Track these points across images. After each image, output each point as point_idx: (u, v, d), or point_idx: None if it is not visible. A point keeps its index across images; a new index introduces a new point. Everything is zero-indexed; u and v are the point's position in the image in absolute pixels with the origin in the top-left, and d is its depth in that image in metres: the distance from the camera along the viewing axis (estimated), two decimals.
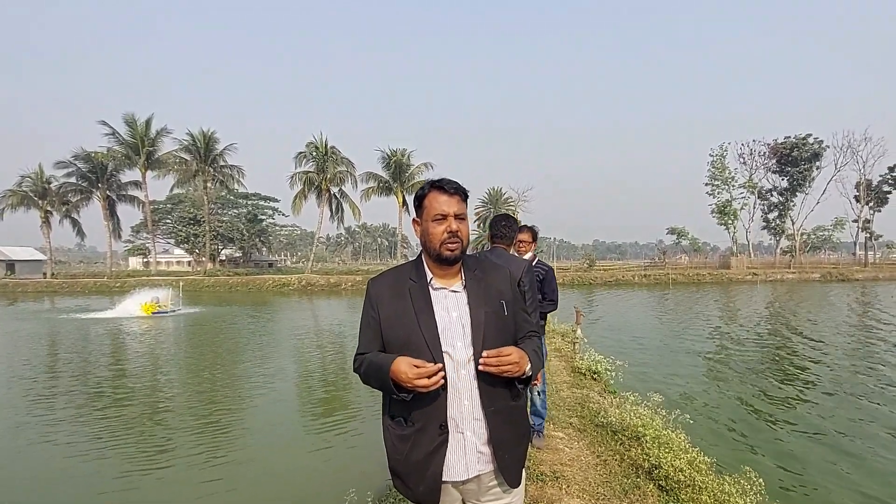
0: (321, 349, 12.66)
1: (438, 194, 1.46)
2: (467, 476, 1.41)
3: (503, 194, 50.25)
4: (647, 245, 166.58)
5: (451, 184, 1.48)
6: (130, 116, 41.47)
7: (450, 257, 1.44)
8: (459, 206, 1.47)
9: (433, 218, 1.45)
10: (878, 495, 4.40)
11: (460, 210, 1.47)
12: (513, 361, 1.36)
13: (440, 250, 1.44)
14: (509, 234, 3.30)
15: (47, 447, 5.77)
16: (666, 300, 25.40)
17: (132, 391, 8.42)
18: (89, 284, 40.34)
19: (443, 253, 1.44)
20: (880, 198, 46.57)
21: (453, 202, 1.46)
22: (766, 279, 39.16)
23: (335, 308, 24.57)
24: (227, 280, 40.47)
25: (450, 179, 1.49)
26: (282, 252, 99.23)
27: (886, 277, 39.35)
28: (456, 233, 1.44)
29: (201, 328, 16.84)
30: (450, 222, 1.44)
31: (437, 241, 1.44)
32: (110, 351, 12.77)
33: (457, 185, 1.48)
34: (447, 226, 1.44)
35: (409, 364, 1.32)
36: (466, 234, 1.48)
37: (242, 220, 58.24)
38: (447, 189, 1.46)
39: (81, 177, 42.82)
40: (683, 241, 50.56)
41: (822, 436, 5.90)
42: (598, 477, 3.50)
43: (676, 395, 7.53)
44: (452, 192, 1.46)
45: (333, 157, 41.93)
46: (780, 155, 47.09)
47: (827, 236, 51.18)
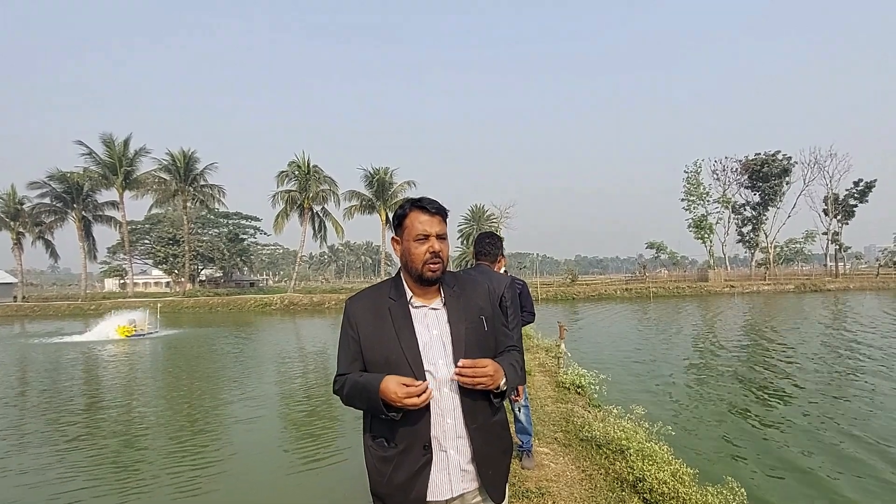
0: (304, 368, 12.43)
1: (420, 214, 1.45)
2: (451, 495, 1.39)
3: (486, 211, 50.70)
4: (627, 259, 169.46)
5: (432, 203, 1.47)
6: (108, 136, 40.90)
7: (431, 278, 1.44)
8: (440, 226, 1.47)
9: (415, 238, 1.44)
10: (857, 500, 4.51)
11: (441, 230, 1.47)
12: (488, 374, 1.35)
13: (422, 271, 1.43)
14: (493, 252, 3.36)
15: (10, 479, 5.50)
16: (648, 313, 25.73)
17: (105, 418, 8.11)
18: (62, 308, 39.01)
19: (425, 274, 1.43)
20: (847, 211, 48.26)
21: (435, 222, 1.45)
22: (743, 291, 40.01)
23: (319, 327, 24.22)
24: (207, 301, 39.59)
25: (430, 199, 1.49)
26: (264, 271, 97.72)
27: (857, 287, 40.63)
28: (438, 253, 1.44)
29: (180, 350, 16.38)
30: (432, 242, 1.43)
31: (419, 261, 1.43)
32: (83, 376, 12.32)
33: (438, 205, 1.48)
34: (429, 246, 1.43)
35: (398, 383, 1.31)
36: (447, 255, 1.48)
37: (223, 239, 57.32)
38: (429, 209, 1.46)
39: (56, 197, 41.88)
40: (662, 255, 51.53)
41: (803, 444, 6.01)
42: (584, 492, 3.51)
43: (659, 406, 7.59)
44: (434, 213, 1.46)
45: (316, 176, 41.91)
46: (752, 171, 48.62)
47: (799, 248, 53.09)
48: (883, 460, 5.41)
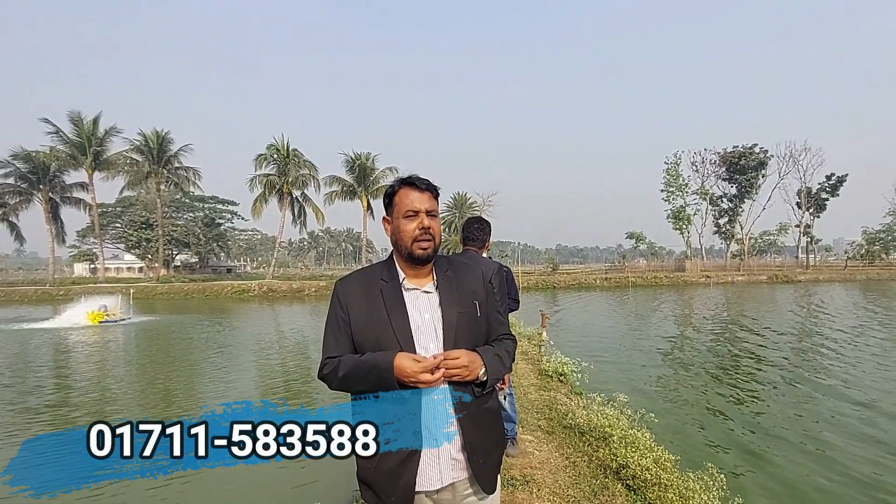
0: (282, 355, 12.26)
1: (409, 190, 1.43)
2: (441, 484, 1.36)
3: (468, 199, 50.58)
4: (607, 249, 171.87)
5: (421, 180, 1.44)
6: (76, 114, 38.94)
7: (422, 256, 1.40)
8: (431, 203, 1.43)
9: (404, 214, 1.41)
10: (830, 481, 4.64)
11: (432, 206, 1.43)
12: (461, 365, 1.31)
13: (412, 248, 1.40)
14: (481, 237, 3.30)
15: None
16: (626, 302, 26.19)
17: (74, 408, 7.84)
18: (29, 293, 37.59)
19: (415, 251, 1.40)
20: (819, 204, 49.81)
21: (424, 198, 1.42)
22: (718, 281, 41.08)
23: (298, 314, 23.92)
24: (182, 287, 38.65)
25: (420, 176, 1.46)
26: (241, 257, 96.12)
27: (826, 279, 42.05)
28: (428, 229, 1.40)
29: (154, 337, 15.96)
30: (421, 219, 1.40)
31: (408, 238, 1.40)
32: (50, 364, 11.90)
33: (428, 182, 1.45)
34: (419, 222, 1.40)
35: (412, 359, 1.28)
36: (438, 232, 1.44)
37: (199, 223, 55.85)
38: (418, 185, 1.43)
39: (20, 177, 39.92)
40: (641, 245, 52.41)
41: (779, 429, 6.17)
42: (568, 479, 3.51)
43: (641, 393, 7.72)
44: (424, 189, 1.43)
45: (295, 160, 41.00)
46: (730, 163, 49.66)
47: (772, 240, 54.71)
48: (863, 445, 5.60)
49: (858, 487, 4.57)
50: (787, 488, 4.61)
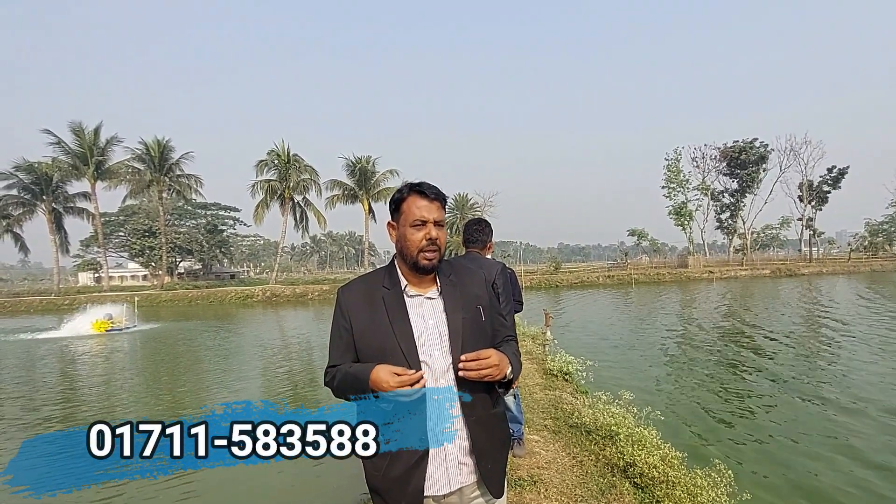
0: (288, 360, 12.26)
1: (418, 199, 1.41)
2: (450, 489, 1.36)
3: (469, 200, 50.53)
4: (609, 247, 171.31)
5: (431, 189, 1.43)
6: (77, 125, 39.22)
7: (427, 266, 1.40)
8: (439, 213, 1.42)
9: (412, 223, 1.40)
10: (838, 479, 4.60)
11: (440, 217, 1.42)
12: (493, 364, 1.31)
13: (417, 258, 1.39)
14: (483, 239, 3.29)
15: None
16: (630, 299, 26.11)
17: (81, 416, 7.85)
18: (34, 303, 37.76)
19: (420, 261, 1.39)
20: (821, 197, 49.59)
21: (433, 208, 1.41)
22: (721, 276, 40.89)
23: (302, 319, 23.93)
24: (186, 294, 38.78)
25: (430, 184, 1.44)
26: (244, 263, 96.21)
27: (829, 272, 41.87)
28: (435, 240, 1.39)
29: (159, 345, 16.00)
30: (429, 229, 1.39)
31: (414, 248, 1.39)
32: (57, 374, 11.93)
33: (437, 191, 1.43)
34: (426, 232, 1.38)
35: (390, 372, 1.26)
36: (444, 242, 1.43)
37: (201, 230, 56.05)
38: (428, 194, 1.41)
39: (24, 188, 40.19)
40: (643, 242, 52.25)
41: (787, 425, 6.13)
42: (575, 478, 3.48)
43: (646, 391, 7.67)
44: (433, 198, 1.42)
45: (296, 165, 41.06)
46: (730, 158, 49.51)
47: (775, 234, 54.36)
48: (871, 437, 5.54)
49: (867, 486, 4.52)
50: (795, 486, 4.57)
